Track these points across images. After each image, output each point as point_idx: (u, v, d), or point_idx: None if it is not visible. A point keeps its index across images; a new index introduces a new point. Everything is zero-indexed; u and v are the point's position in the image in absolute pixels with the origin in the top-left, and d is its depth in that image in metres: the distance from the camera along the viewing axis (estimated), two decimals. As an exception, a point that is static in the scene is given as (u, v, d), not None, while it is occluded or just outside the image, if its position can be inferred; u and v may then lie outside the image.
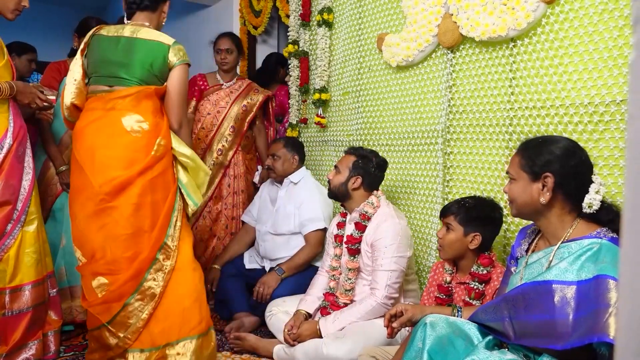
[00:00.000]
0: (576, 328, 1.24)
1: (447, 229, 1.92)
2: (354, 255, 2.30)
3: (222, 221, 3.33)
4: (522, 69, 2.06)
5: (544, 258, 1.46)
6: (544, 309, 1.33)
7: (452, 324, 1.49)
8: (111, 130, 1.98)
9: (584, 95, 1.84)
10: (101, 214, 1.94)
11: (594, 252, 1.33)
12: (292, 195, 2.91)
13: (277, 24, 4.53)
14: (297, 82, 3.46)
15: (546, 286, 1.34)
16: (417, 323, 1.54)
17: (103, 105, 2.02)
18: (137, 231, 1.95)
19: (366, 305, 2.17)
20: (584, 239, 1.38)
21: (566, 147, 1.44)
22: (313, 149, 3.42)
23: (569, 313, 1.27)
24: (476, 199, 1.96)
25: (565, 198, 1.43)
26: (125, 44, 2.06)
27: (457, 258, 1.95)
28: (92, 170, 1.95)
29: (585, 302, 1.25)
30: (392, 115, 2.73)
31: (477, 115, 2.26)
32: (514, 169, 1.50)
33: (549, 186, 1.41)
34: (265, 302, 2.66)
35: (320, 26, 3.20)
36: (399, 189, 2.71)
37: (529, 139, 1.55)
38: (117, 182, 1.92)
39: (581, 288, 1.28)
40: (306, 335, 2.20)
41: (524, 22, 1.96)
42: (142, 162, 1.95)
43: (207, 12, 4.86)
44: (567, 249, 1.40)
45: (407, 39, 2.49)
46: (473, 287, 1.86)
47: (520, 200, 1.48)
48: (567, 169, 1.41)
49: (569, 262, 1.35)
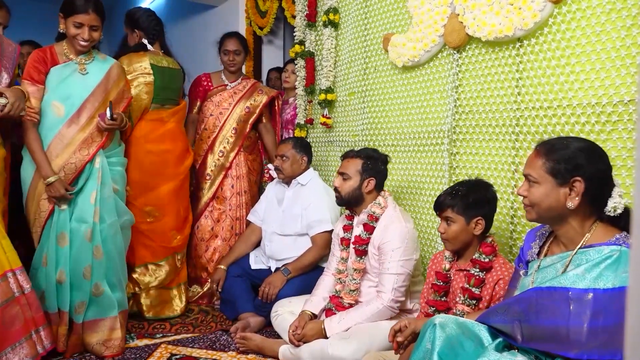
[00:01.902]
0: (591, 337, 1.22)
1: (447, 222, 1.90)
2: (361, 256, 2.29)
3: (227, 222, 3.33)
4: (528, 69, 2.05)
5: (559, 263, 1.42)
6: (557, 314, 1.30)
7: (462, 325, 1.47)
8: (175, 135, 3.00)
9: (592, 95, 1.82)
10: (181, 188, 3.05)
11: (614, 260, 1.29)
12: (299, 196, 2.91)
13: (283, 25, 4.53)
14: (303, 83, 3.46)
15: (562, 292, 1.30)
16: (425, 323, 1.53)
17: (164, 117, 2.94)
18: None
19: (372, 308, 2.17)
20: (603, 245, 1.34)
21: (593, 150, 1.40)
22: (319, 149, 3.41)
23: (584, 321, 1.24)
24: (465, 184, 1.93)
25: (589, 202, 1.38)
26: (169, 73, 2.98)
27: (463, 247, 1.93)
28: (175, 161, 2.99)
29: (603, 312, 1.22)
30: (398, 115, 2.73)
31: (483, 116, 2.25)
32: (537, 172, 1.42)
33: (577, 191, 1.36)
34: (270, 302, 2.66)
35: (326, 27, 3.20)
36: (405, 189, 2.70)
37: (548, 139, 1.48)
38: (187, 167, 3.09)
39: (599, 297, 1.25)
40: (311, 336, 2.19)
41: (531, 22, 1.95)
42: (189, 158, 3.13)
43: (213, 12, 4.87)
44: (585, 255, 1.36)
45: (413, 39, 2.49)
46: (473, 274, 1.84)
47: (544, 204, 1.41)
48: (596, 173, 1.37)
49: (587, 269, 1.31)
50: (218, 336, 2.67)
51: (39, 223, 2.39)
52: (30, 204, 2.41)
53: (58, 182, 2.30)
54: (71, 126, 2.38)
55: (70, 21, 2.33)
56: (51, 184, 2.29)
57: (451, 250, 1.96)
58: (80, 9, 2.32)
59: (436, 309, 1.93)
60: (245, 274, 2.97)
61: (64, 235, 2.36)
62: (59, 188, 2.30)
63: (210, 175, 3.34)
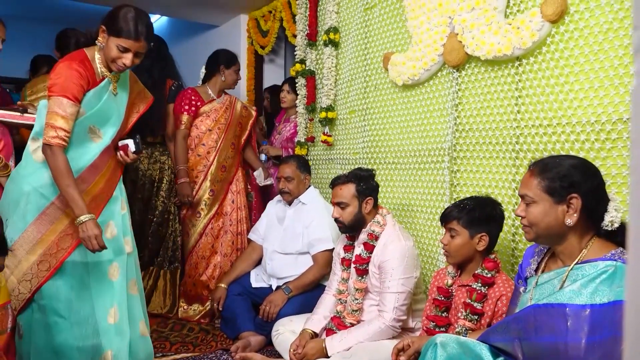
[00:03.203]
0: (589, 352, 1.22)
1: (451, 235, 1.90)
2: (362, 276, 2.28)
3: (228, 237, 3.33)
4: (527, 87, 2.07)
5: (556, 279, 1.43)
6: (555, 331, 1.30)
7: (463, 344, 1.47)
8: None
9: (591, 113, 1.83)
10: None
11: (609, 275, 1.30)
12: (300, 215, 2.90)
13: (284, 44, 4.58)
14: (304, 101, 3.48)
15: (559, 308, 1.31)
16: (426, 343, 1.52)
17: None
18: None
19: (374, 327, 2.15)
20: (599, 261, 1.35)
21: (587, 167, 1.42)
22: (320, 167, 3.42)
23: (581, 337, 1.24)
24: (474, 199, 1.94)
25: (586, 218, 1.39)
26: None
27: (465, 262, 1.92)
28: None
29: (600, 327, 1.23)
30: (399, 133, 2.74)
31: (483, 134, 2.26)
32: (533, 192, 1.43)
33: (575, 207, 1.37)
34: (271, 321, 2.64)
35: (326, 45, 3.24)
36: (406, 207, 2.70)
37: (541, 159, 1.50)
38: None
39: (595, 312, 1.25)
40: (312, 355, 2.18)
41: (529, 41, 1.97)
42: None
43: (216, 32, 4.93)
44: (580, 271, 1.37)
45: (412, 58, 2.51)
46: (475, 289, 1.84)
47: (543, 223, 1.41)
48: (591, 189, 1.38)
49: (583, 285, 1.31)
50: (218, 355, 2.65)
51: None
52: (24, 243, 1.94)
53: (92, 221, 1.87)
54: (105, 154, 2.07)
55: (115, 42, 1.94)
56: (83, 224, 1.85)
57: (452, 263, 1.96)
58: (130, 35, 1.93)
59: (436, 324, 1.92)
60: (246, 293, 2.95)
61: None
62: (94, 227, 1.86)
63: (214, 191, 3.31)
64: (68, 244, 1.96)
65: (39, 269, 1.93)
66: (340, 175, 2.41)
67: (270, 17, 4.05)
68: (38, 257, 1.93)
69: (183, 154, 3.25)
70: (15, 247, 1.94)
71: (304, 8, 3.50)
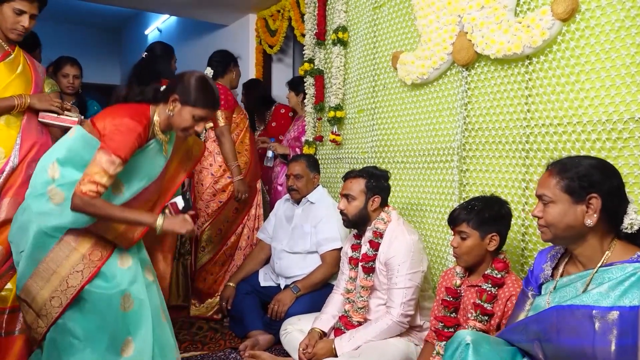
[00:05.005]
0: (619, 357, 1.20)
1: (461, 237, 1.88)
2: (368, 274, 2.28)
3: (245, 232, 3.35)
4: (538, 86, 2.05)
5: (579, 282, 1.39)
6: (581, 334, 1.27)
7: (495, 346, 1.43)
8: None
9: (602, 112, 1.82)
10: None
11: (638, 277, 1.27)
12: (309, 214, 2.91)
13: (293, 43, 4.58)
14: (312, 100, 3.48)
15: (585, 310, 1.28)
16: (451, 339, 1.48)
17: None
18: None
19: (382, 324, 2.15)
20: (626, 263, 1.32)
21: (606, 167, 1.39)
22: (328, 167, 3.42)
23: (610, 340, 1.22)
24: (481, 199, 1.92)
25: (606, 219, 1.36)
26: None
27: (476, 263, 1.91)
28: None
29: (631, 330, 1.20)
30: (407, 132, 2.73)
31: (493, 133, 2.25)
32: (552, 191, 1.40)
33: (595, 207, 1.34)
34: (280, 320, 2.65)
35: (335, 45, 3.23)
36: (415, 206, 2.69)
37: (559, 159, 1.47)
38: None
39: (625, 314, 1.22)
40: (321, 355, 2.18)
41: (540, 40, 1.96)
42: None
43: (225, 31, 4.95)
44: (607, 273, 1.33)
45: (421, 57, 2.50)
46: (485, 289, 1.83)
47: (562, 224, 1.39)
48: (611, 189, 1.36)
49: (611, 287, 1.28)
50: (227, 354, 2.66)
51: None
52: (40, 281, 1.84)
53: (164, 219, 1.86)
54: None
55: (189, 112, 1.88)
56: (162, 227, 1.85)
57: (463, 266, 1.95)
58: (207, 106, 1.91)
59: (445, 324, 1.91)
60: (254, 292, 2.96)
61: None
62: (171, 223, 1.87)
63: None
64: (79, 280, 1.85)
65: (52, 305, 1.84)
66: (353, 169, 2.42)
67: (279, 17, 4.06)
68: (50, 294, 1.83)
69: (232, 153, 3.17)
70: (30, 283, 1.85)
71: (312, 7, 3.50)
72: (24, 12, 2.10)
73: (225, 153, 3.15)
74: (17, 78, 2.11)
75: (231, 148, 3.14)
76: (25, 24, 2.11)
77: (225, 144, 3.14)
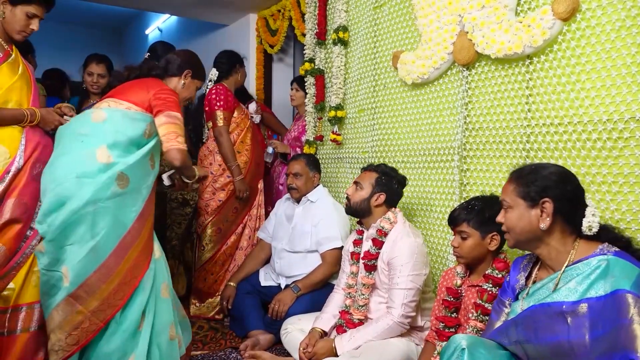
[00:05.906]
0: (595, 347, 1.22)
1: (461, 237, 1.89)
2: (370, 272, 2.28)
3: (246, 232, 3.36)
4: (538, 85, 2.05)
5: (551, 283, 1.44)
6: (556, 330, 1.31)
7: (491, 351, 1.45)
8: None
9: (602, 112, 1.82)
10: None
11: (602, 269, 1.32)
12: (309, 213, 2.91)
13: (293, 43, 4.58)
14: (313, 100, 3.48)
15: (555, 307, 1.32)
16: (447, 343, 1.49)
17: None
18: None
19: (382, 324, 2.15)
20: (590, 257, 1.37)
21: (560, 173, 1.47)
22: (329, 166, 3.42)
23: (584, 333, 1.25)
24: (480, 199, 1.93)
25: (564, 222, 1.43)
26: None
27: (476, 262, 1.92)
28: None
29: (601, 320, 1.24)
30: (408, 132, 2.73)
31: (493, 132, 2.24)
32: (509, 197, 1.49)
33: (548, 211, 1.42)
34: (280, 319, 2.65)
35: (335, 44, 3.23)
36: (415, 206, 2.69)
37: (519, 167, 1.56)
38: None
39: (593, 305, 1.27)
40: (322, 354, 2.18)
41: (540, 40, 1.96)
42: None
43: (225, 31, 4.95)
44: (574, 270, 1.39)
45: (422, 57, 2.50)
46: (486, 289, 1.83)
47: (518, 228, 1.47)
48: (564, 193, 1.42)
49: (578, 282, 1.34)
50: (228, 353, 2.66)
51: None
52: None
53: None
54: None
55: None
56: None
57: (463, 264, 1.95)
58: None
59: (446, 325, 1.91)
60: (254, 291, 2.96)
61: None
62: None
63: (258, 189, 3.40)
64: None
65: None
66: (373, 164, 2.49)
67: (280, 16, 4.05)
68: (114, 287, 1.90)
69: (231, 152, 3.18)
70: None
71: (313, 7, 3.50)
72: (37, 16, 2.13)
73: (224, 154, 3.17)
74: (19, 80, 2.11)
75: (229, 149, 3.15)
76: (35, 27, 2.15)
77: (223, 144, 3.15)
